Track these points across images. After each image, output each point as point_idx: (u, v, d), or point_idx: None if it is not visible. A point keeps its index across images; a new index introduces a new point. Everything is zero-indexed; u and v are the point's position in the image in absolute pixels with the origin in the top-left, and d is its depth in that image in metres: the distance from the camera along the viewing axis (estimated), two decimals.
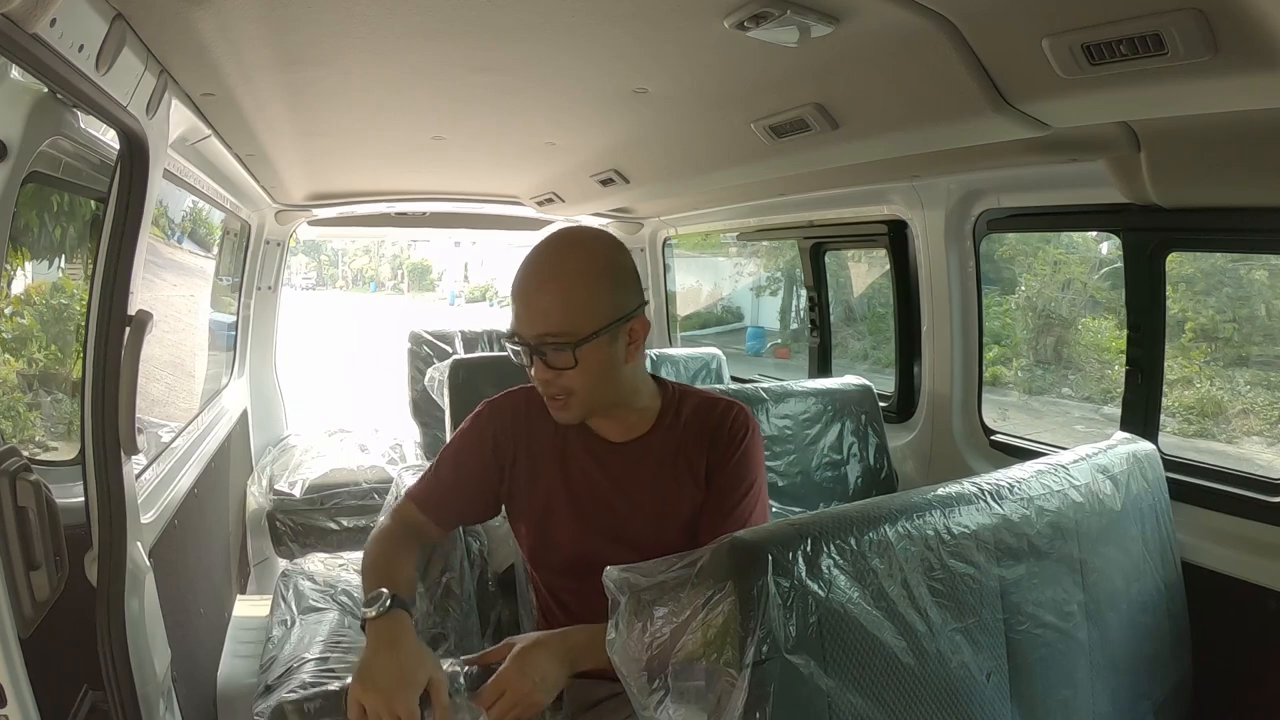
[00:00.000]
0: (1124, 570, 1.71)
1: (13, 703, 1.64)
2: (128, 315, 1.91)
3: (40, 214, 2.69)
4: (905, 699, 1.29)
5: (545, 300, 1.69)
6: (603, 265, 1.73)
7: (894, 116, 1.95)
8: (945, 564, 1.37)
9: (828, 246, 3.79)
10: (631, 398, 1.85)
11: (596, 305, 1.70)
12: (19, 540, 1.65)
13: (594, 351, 1.70)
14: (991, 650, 1.41)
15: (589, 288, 1.70)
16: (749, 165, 2.61)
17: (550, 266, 1.71)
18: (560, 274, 1.70)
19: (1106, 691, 1.60)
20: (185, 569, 2.86)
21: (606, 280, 1.72)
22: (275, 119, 2.56)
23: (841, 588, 1.26)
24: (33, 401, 3.26)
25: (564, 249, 1.74)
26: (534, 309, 1.69)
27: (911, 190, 2.89)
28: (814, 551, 1.26)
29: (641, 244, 5.15)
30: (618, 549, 1.73)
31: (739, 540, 1.20)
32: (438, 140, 2.89)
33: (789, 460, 2.69)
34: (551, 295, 1.69)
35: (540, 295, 1.70)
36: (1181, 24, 1.27)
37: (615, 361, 1.75)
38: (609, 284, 1.72)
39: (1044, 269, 6.46)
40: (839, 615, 1.25)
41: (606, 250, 1.76)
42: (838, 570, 1.27)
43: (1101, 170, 2.11)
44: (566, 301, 1.68)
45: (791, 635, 1.20)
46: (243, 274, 4.75)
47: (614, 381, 1.78)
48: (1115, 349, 5.49)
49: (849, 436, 2.81)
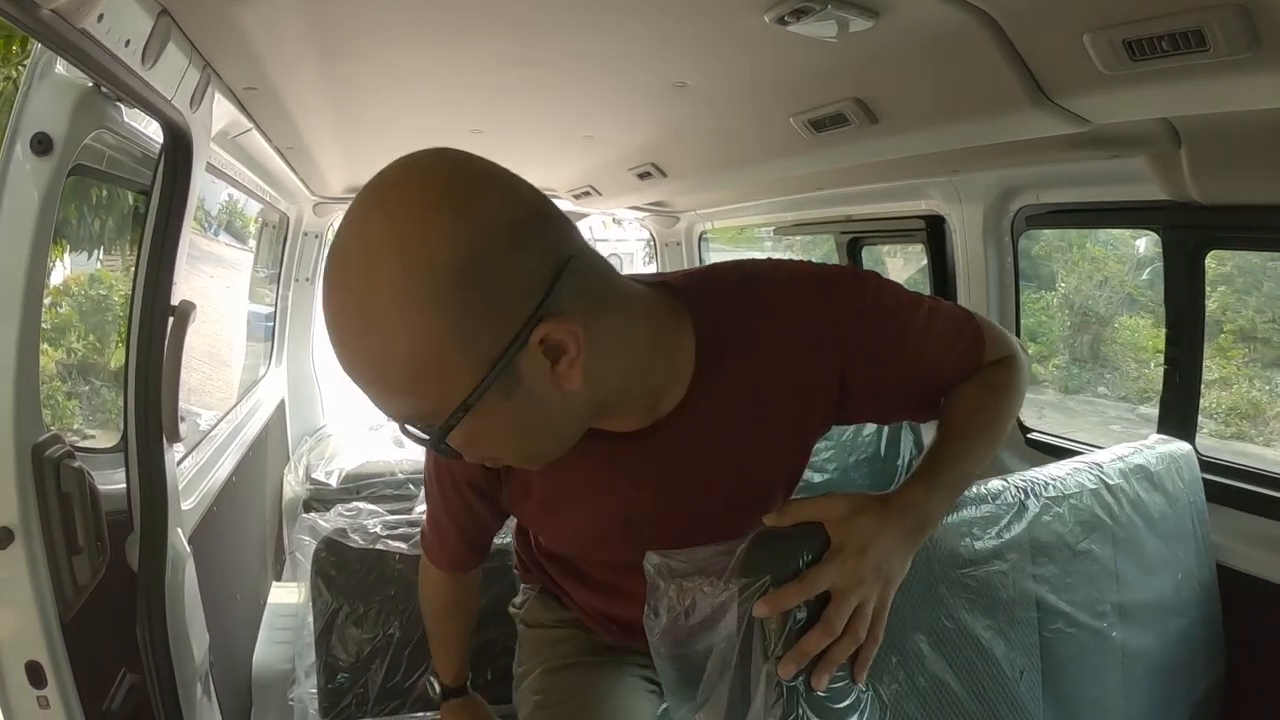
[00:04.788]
0: (1158, 572, 1.69)
1: (52, 683, 1.70)
2: (171, 305, 1.94)
3: (80, 206, 2.73)
4: (937, 695, 1.28)
5: (367, 389, 1.03)
6: (431, 293, 0.95)
7: (933, 111, 1.93)
8: (977, 561, 1.36)
9: (865, 241, 3.76)
10: (624, 394, 1.21)
11: (448, 364, 0.99)
12: (62, 525, 1.69)
13: (490, 415, 1.04)
14: (1024, 648, 1.39)
15: (416, 350, 0.97)
16: (787, 160, 2.58)
17: (344, 336, 1.01)
18: (360, 349, 1.00)
19: (1139, 693, 1.59)
20: (223, 555, 2.90)
21: (448, 314, 0.96)
22: (315, 112, 2.58)
23: None
24: (71, 390, 3.32)
25: (351, 292, 0.98)
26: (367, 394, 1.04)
27: (950, 185, 2.86)
28: None
29: (678, 237, 5.14)
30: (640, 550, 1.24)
31: (775, 534, 1.20)
32: (476, 133, 2.89)
33: (825, 456, 2.68)
34: (367, 383, 1.02)
35: (358, 380, 1.03)
36: (1223, 19, 1.26)
37: (542, 401, 1.07)
38: (454, 318, 0.97)
39: (1081, 265, 6.37)
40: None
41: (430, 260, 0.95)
42: None
43: (1141, 167, 2.08)
44: (389, 388, 1.02)
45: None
46: (280, 266, 4.79)
47: (565, 413, 1.13)
48: (1152, 348, 5.42)
49: (886, 433, 2.80)
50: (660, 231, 5.18)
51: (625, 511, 1.38)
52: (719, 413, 1.28)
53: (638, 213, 4.94)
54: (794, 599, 1.08)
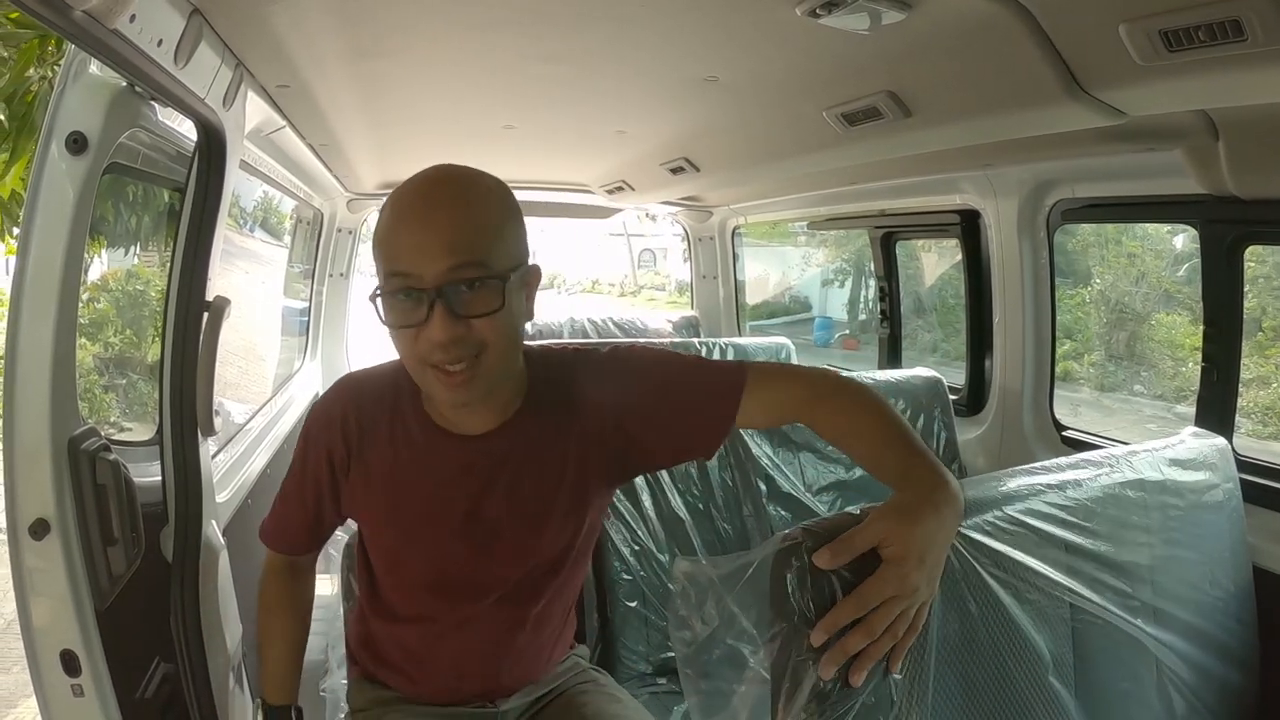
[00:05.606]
0: (1191, 571, 1.65)
1: (86, 672, 1.73)
2: (206, 301, 1.95)
3: (116, 203, 2.77)
4: (966, 687, 1.27)
5: (453, 222, 1.29)
6: (504, 189, 1.37)
7: (968, 104, 1.91)
8: (1011, 553, 1.34)
9: (899, 236, 3.74)
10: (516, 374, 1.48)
11: (511, 233, 1.35)
12: (97, 516, 1.72)
13: (513, 296, 1.33)
14: (1056, 642, 1.38)
15: (501, 210, 1.35)
16: (820, 154, 2.57)
17: (448, 187, 1.33)
18: (465, 191, 1.33)
19: (1170, 690, 1.56)
20: (257, 547, 2.91)
21: (512, 205, 1.37)
22: (348, 109, 2.59)
23: None
24: (109, 384, 3.36)
25: (456, 171, 1.35)
26: (436, 236, 1.27)
27: (984, 179, 2.84)
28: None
29: (711, 232, 5.13)
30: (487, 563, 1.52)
31: (808, 533, 1.19)
32: (509, 129, 2.89)
33: None
34: (461, 215, 1.30)
35: (442, 216, 1.29)
36: (1260, 9, 1.24)
37: (520, 317, 1.38)
38: (515, 211, 1.38)
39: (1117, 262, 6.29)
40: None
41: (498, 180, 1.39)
42: None
43: (1178, 160, 2.05)
44: (481, 224, 1.31)
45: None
46: (315, 261, 4.83)
47: (519, 345, 1.43)
48: (1189, 346, 5.37)
49: (918, 429, 2.76)
50: (694, 226, 5.18)
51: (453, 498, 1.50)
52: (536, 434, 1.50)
53: (670, 208, 4.93)
54: (847, 617, 1.11)
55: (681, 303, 9.67)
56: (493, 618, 1.56)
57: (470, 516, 1.49)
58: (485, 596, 1.54)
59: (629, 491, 2.33)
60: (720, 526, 2.45)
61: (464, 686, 1.62)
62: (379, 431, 1.50)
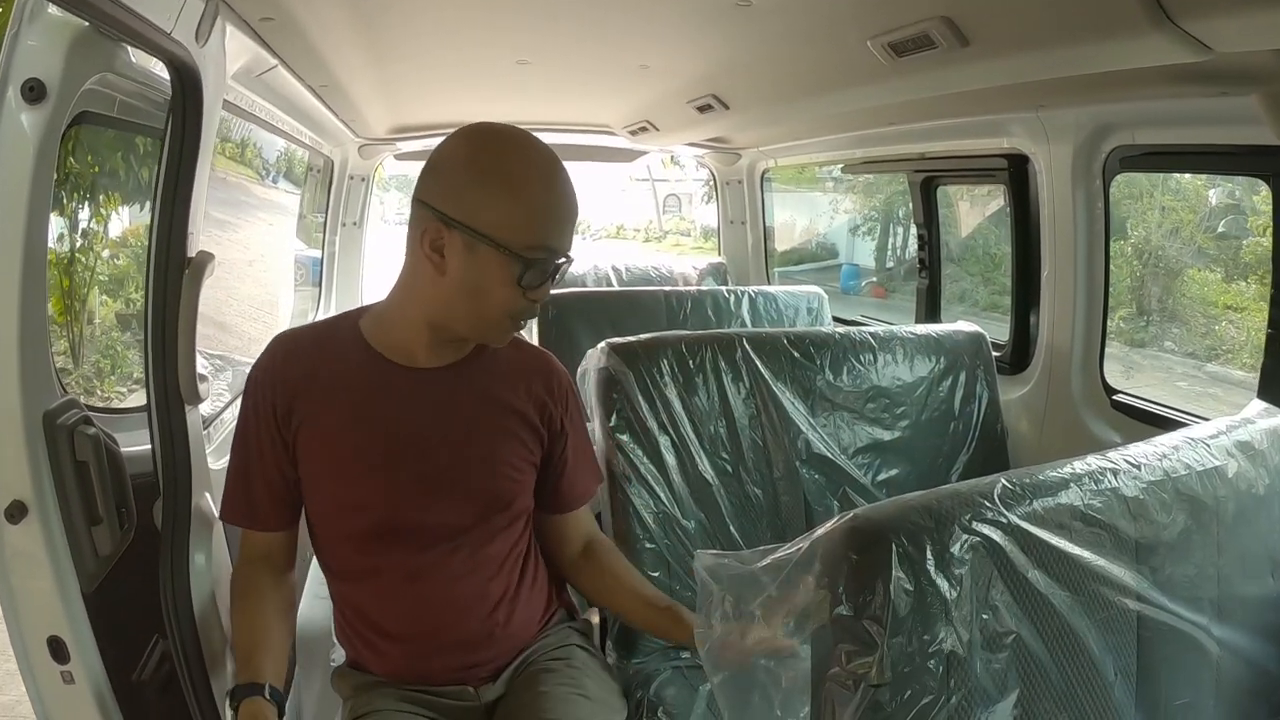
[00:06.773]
0: (1260, 565, 1.53)
1: (76, 658, 1.69)
2: (186, 257, 1.82)
3: (127, 157, 2.69)
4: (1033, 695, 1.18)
5: (575, 205, 1.61)
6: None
7: (1034, 33, 1.77)
8: (1076, 552, 1.24)
9: (939, 181, 3.58)
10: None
11: None
12: (80, 495, 1.66)
13: None
14: (1121, 649, 1.28)
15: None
16: (862, 88, 2.45)
17: (560, 167, 1.60)
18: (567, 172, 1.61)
19: (1230, 696, 1.46)
20: None
21: None
22: (344, 45, 2.49)
23: (968, 585, 1.13)
24: (130, 340, 3.36)
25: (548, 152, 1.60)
26: (570, 218, 1.60)
27: (1036, 121, 2.68)
28: (941, 540, 1.12)
29: (739, 175, 5.01)
30: (439, 505, 1.65)
31: (858, 525, 1.09)
32: (522, 64, 2.80)
33: (897, 412, 2.52)
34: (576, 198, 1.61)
35: (570, 199, 1.59)
36: None
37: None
38: None
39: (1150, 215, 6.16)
40: (967, 623, 1.12)
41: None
42: (963, 564, 1.13)
43: (1252, 106, 1.90)
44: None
45: (916, 648, 1.08)
46: (326, 210, 4.78)
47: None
48: (1222, 304, 5.33)
49: (960, 389, 2.63)
50: (721, 170, 5.06)
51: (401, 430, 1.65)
52: (485, 381, 1.71)
53: (697, 150, 4.81)
54: None
55: (707, 248, 9.70)
56: (444, 568, 1.66)
57: (420, 453, 1.64)
58: (434, 544, 1.65)
59: (652, 452, 2.22)
60: (751, 490, 2.32)
61: (435, 663, 1.69)
62: (319, 378, 1.64)
